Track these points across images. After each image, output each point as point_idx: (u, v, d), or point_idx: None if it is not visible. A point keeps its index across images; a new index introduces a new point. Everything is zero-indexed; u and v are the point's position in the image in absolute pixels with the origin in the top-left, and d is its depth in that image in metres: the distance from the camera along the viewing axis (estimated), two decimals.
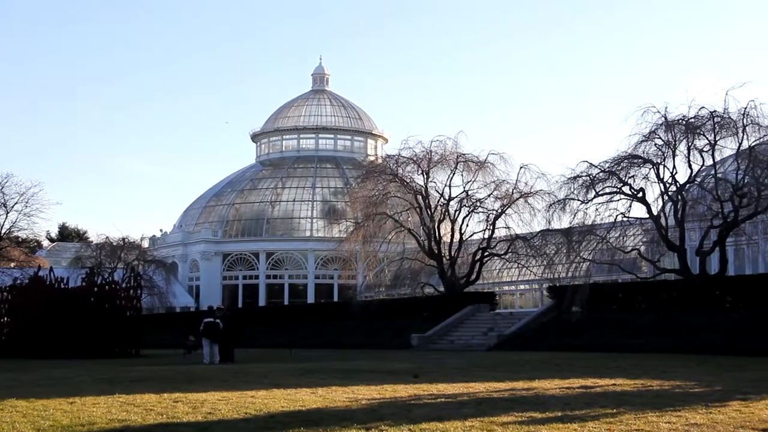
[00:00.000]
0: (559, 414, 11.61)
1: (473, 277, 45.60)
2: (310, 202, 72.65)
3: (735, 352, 26.33)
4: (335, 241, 54.69)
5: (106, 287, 37.67)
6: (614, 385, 16.52)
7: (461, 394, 14.84)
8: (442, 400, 13.99)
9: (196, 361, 29.09)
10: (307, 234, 71.69)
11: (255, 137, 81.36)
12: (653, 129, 35.21)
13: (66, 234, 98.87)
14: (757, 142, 34.33)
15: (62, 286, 37.75)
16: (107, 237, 62.32)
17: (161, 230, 79.68)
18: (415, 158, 45.71)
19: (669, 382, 16.90)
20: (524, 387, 16.25)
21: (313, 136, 78.95)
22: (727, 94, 34.43)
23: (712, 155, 34.79)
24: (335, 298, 67.47)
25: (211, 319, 28.85)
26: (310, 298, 68.58)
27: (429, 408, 12.60)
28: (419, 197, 45.57)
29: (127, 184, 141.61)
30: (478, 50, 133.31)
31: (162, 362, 28.80)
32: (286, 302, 68.30)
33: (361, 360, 28.05)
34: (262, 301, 69.23)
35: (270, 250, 71.25)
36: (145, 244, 70.67)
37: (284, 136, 79.76)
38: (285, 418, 11.53)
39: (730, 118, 34.05)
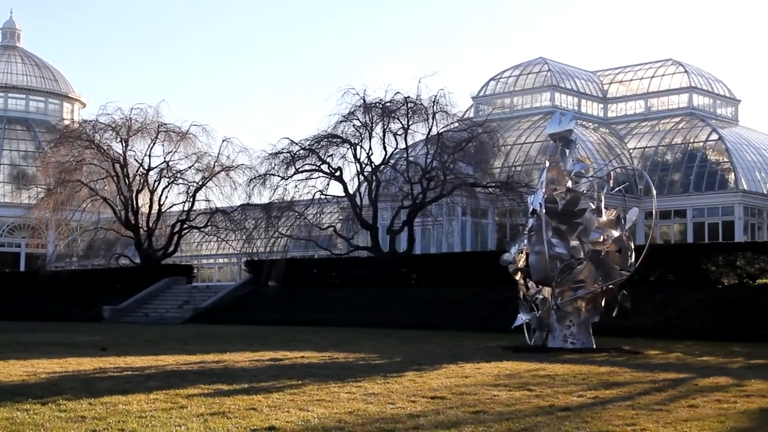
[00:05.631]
0: (246, 386, 11.81)
1: (171, 249, 45.01)
2: None
3: (418, 327, 28.06)
4: (23, 208, 51.48)
5: None
6: (302, 357, 17.06)
7: (149, 367, 14.66)
8: (129, 373, 13.74)
9: None
10: None
11: None
12: (352, 110, 36.55)
13: None
14: (445, 128, 36.79)
15: None
16: None
17: None
18: (113, 125, 44.17)
19: (354, 354, 17.72)
20: (214, 360, 16.34)
21: (2, 95, 73.42)
22: (420, 81, 36.66)
23: (405, 139, 36.74)
24: (22, 268, 63.60)
25: None
26: None
27: (113, 381, 12.33)
28: (117, 166, 44.11)
29: None
30: (181, 21, 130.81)
31: None
32: None
33: (47, 333, 26.91)
34: None
35: None
36: None
37: None
38: None
39: (422, 104, 36.14)
